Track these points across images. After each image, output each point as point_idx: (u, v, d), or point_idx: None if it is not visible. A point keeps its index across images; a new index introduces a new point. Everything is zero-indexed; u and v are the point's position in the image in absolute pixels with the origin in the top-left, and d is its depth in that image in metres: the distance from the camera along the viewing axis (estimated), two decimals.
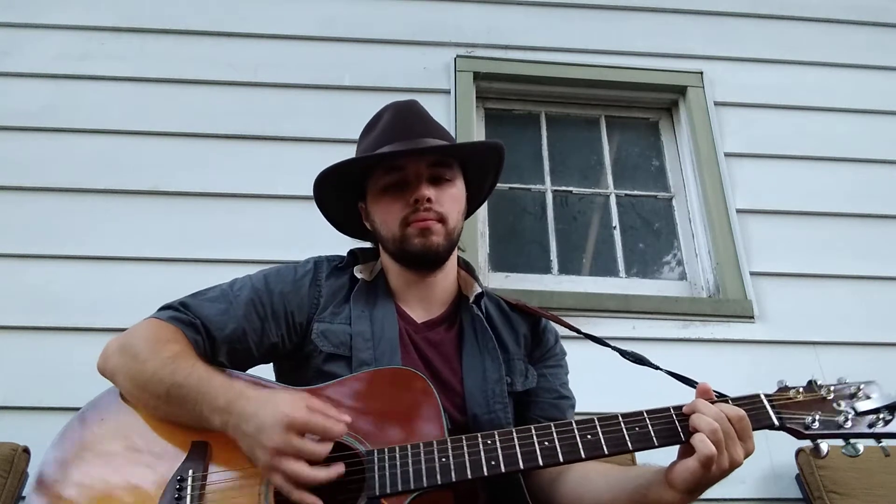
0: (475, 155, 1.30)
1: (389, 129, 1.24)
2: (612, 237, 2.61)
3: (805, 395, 1.00)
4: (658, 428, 0.97)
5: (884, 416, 0.95)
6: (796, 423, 0.97)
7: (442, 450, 0.98)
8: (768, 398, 1.00)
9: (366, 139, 1.28)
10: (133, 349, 1.08)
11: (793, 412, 0.98)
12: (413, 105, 1.30)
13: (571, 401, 1.28)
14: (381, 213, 1.22)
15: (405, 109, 1.28)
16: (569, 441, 0.97)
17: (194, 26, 2.66)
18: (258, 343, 1.16)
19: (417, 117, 1.27)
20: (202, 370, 1.04)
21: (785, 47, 2.84)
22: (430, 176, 1.21)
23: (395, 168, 1.20)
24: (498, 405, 1.16)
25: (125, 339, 1.11)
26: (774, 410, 0.98)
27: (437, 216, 1.19)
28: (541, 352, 1.30)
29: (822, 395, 1.00)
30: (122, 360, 1.08)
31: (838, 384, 1.02)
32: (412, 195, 1.18)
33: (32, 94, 2.48)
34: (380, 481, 0.96)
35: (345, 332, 1.17)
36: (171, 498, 0.97)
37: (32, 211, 2.30)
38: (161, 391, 1.03)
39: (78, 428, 1.08)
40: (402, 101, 1.30)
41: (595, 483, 1.10)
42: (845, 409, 0.97)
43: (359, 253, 1.31)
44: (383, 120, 1.26)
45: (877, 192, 2.59)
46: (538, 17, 2.81)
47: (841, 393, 1.00)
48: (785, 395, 1.01)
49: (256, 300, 1.17)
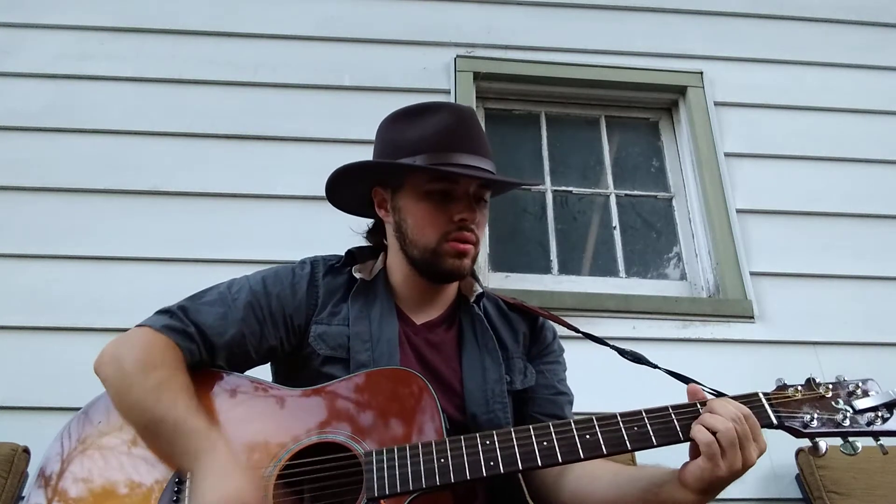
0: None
1: (453, 134, 1.18)
2: (612, 237, 2.61)
3: (804, 393, 1.00)
4: (657, 427, 0.97)
5: (882, 414, 0.96)
6: (795, 421, 0.97)
7: (440, 451, 0.97)
8: (766, 397, 1.00)
9: (411, 129, 1.20)
10: (123, 365, 1.06)
11: (791, 411, 0.98)
12: (475, 115, 1.26)
13: (569, 397, 1.28)
14: (420, 217, 1.18)
15: (470, 118, 1.23)
16: (567, 441, 0.97)
17: (194, 26, 2.66)
18: (257, 346, 1.15)
19: (479, 130, 1.23)
20: (181, 411, 1.01)
21: (785, 47, 2.84)
22: (476, 195, 1.20)
23: (447, 177, 1.17)
24: (497, 405, 1.16)
25: (119, 349, 1.09)
26: (773, 409, 0.98)
27: (475, 239, 1.19)
28: (538, 349, 1.30)
29: (820, 393, 1.00)
30: (111, 372, 1.07)
31: (837, 382, 1.01)
32: (459, 213, 1.16)
33: (32, 94, 2.48)
34: (378, 482, 0.96)
35: (342, 333, 1.17)
36: (169, 499, 0.97)
37: (32, 211, 2.29)
38: (141, 421, 1.03)
39: (80, 426, 1.08)
40: (464, 107, 1.25)
41: (602, 482, 1.09)
42: (844, 408, 0.97)
43: (356, 252, 1.30)
44: (442, 120, 1.19)
45: (877, 193, 2.59)
46: (538, 17, 2.81)
47: (839, 391, 1.00)
48: (783, 393, 1.01)
49: (255, 303, 1.16)
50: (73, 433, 1.07)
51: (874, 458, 2.05)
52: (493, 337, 1.23)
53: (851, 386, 1.00)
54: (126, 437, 1.05)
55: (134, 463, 1.02)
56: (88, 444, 1.05)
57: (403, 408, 1.05)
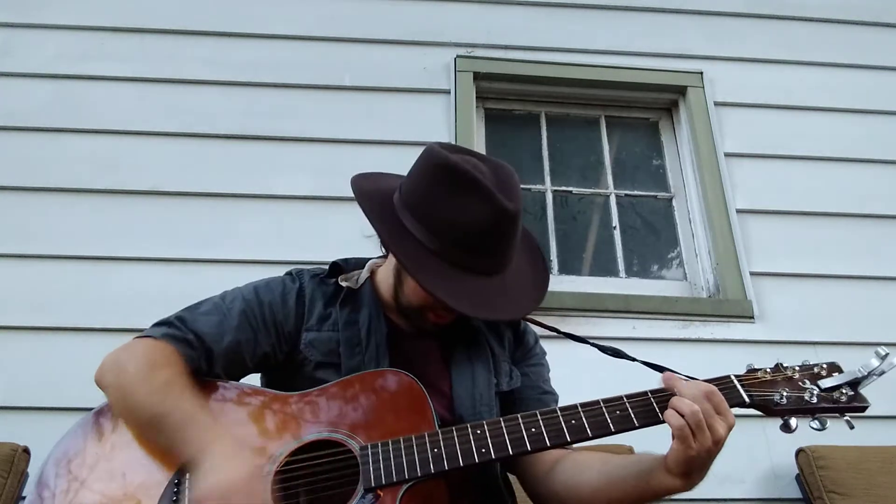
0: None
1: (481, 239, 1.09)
2: (612, 237, 2.62)
3: (772, 374, 1.07)
4: (637, 410, 1.02)
5: (846, 392, 1.02)
6: (765, 399, 1.03)
7: (433, 441, 1.01)
8: (738, 378, 1.06)
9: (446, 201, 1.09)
10: (125, 372, 1.08)
11: (761, 390, 1.04)
12: (516, 220, 1.11)
13: (555, 396, 1.31)
14: (410, 284, 1.16)
15: (508, 225, 1.10)
16: (554, 426, 1.02)
17: (194, 26, 2.66)
18: (252, 353, 1.17)
19: (510, 238, 1.12)
20: (188, 405, 1.04)
21: (785, 47, 2.84)
22: None
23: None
24: (484, 407, 1.18)
25: (120, 359, 1.11)
26: (745, 389, 1.04)
27: (456, 315, 1.18)
28: (522, 352, 1.33)
29: (787, 374, 1.07)
30: (114, 379, 1.09)
31: (803, 365, 1.08)
32: (443, 309, 1.15)
33: (32, 94, 2.48)
34: (374, 473, 0.98)
35: (333, 339, 1.19)
36: (168, 499, 0.98)
37: (32, 211, 2.30)
38: (144, 420, 1.05)
39: (81, 428, 1.09)
40: (510, 208, 1.08)
41: (592, 471, 1.11)
42: (810, 387, 1.04)
43: (342, 263, 1.32)
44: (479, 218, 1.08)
45: (877, 192, 2.59)
46: (538, 17, 2.82)
47: (806, 373, 1.07)
48: (753, 375, 1.07)
49: (248, 311, 1.19)
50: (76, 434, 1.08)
51: (874, 458, 2.06)
52: (486, 344, 1.26)
53: (817, 368, 1.07)
54: (127, 440, 1.06)
55: (134, 465, 1.03)
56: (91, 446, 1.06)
57: (396, 406, 1.08)
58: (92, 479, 1.03)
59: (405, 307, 1.20)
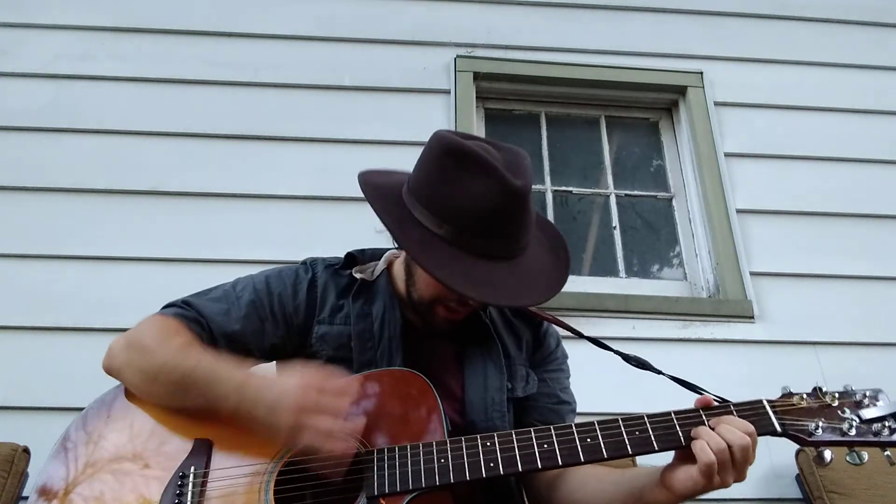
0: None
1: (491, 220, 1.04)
2: (612, 237, 2.61)
3: (809, 401, 0.98)
4: (658, 433, 0.96)
5: (889, 425, 0.93)
6: (799, 429, 0.95)
7: (441, 451, 0.98)
8: (771, 404, 0.99)
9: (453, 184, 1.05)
10: (141, 343, 1.09)
11: (796, 418, 0.96)
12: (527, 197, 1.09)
13: (572, 405, 1.27)
14: (422, 276, 1.14)
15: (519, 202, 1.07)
16: (568, 444, 0.97)
17: (194, 26, 2.66)
18: (258, 344, 1.16)
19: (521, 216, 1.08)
20: (212, 356, 1.06)
21: (785, 47, 2.84)
22: None
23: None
24: (496, 413, 1.15)
25: (131, 335, 1.11)
26: (777, 417, 0.97)
27: (469, 311, 1.17)
28: (542, 355, 1.29)
29: (826, 401, 0.98)
30: (129, 355, 1.09)
31: (844, 392, 0.99)
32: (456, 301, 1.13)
33: (32, 94, 2.48)
34: (378, 481, 0.96)
35: (344, 333, 1.17)
36: (172, 494, 0.97)
37: (32, 211, 2.30)
38: (173, 379, 1.04)
39: (83, 424, 1.09)
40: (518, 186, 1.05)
41: (592, 487, 1.10)
42: (850, 417, 0.95)
43: (357, 254, 1.29)
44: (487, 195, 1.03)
45: (876, 192, 2.59)
46: (538, 17, 2.81)
47: (846, 400, 0.98)
48: (788, 401, 0.99)
49: (258, 301, 1.17)
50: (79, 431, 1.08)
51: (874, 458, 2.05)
52: (499, 344, 1.22)
53: (859, 395, 0.98)
54: (131, 435, 1.06)
55: (138, 460, 1.02)
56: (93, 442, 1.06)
57: (406, 408, 1.06)
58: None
59: (417, 302, 1.17)
